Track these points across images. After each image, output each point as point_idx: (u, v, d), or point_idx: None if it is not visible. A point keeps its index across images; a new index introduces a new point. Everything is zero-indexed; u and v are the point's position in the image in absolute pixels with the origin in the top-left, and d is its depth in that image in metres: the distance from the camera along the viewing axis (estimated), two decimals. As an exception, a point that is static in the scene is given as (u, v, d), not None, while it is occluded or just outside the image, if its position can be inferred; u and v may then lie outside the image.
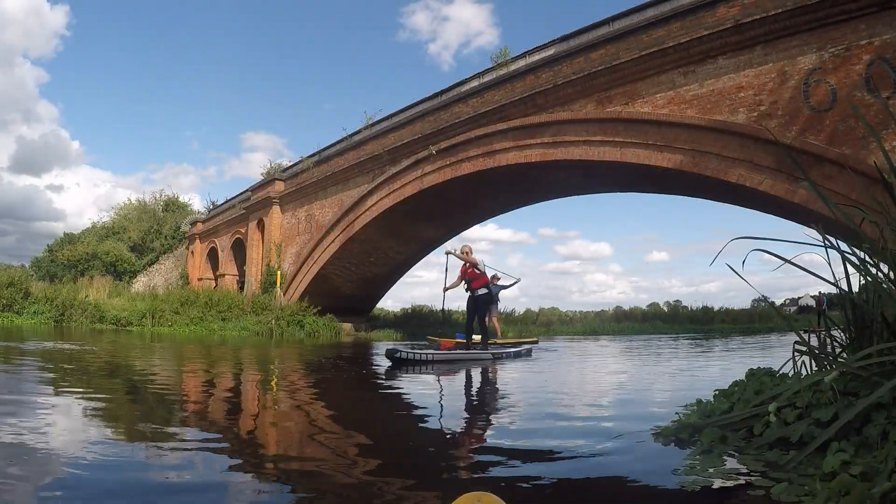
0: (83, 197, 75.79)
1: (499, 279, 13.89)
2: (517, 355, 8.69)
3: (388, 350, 7.10)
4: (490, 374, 6.49)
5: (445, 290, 9.10)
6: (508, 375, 6.44)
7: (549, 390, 5.10)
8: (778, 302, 40.35)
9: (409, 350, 7.11)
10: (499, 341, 12.62)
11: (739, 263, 2.70)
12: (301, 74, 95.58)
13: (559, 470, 2.31)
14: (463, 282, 8.74)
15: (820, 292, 21.78)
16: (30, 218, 68.79)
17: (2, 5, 59.36)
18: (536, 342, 13.69)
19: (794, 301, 40.88)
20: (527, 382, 5.81)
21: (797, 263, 2.49)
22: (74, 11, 72.37)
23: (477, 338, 9.14)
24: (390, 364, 6.78)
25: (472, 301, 8.66)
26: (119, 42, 78.24)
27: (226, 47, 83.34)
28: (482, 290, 8.59)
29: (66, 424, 2.90)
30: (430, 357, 7.13)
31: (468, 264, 8.71)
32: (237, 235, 24.20)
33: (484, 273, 8.65)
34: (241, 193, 24.21)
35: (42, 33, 69.77)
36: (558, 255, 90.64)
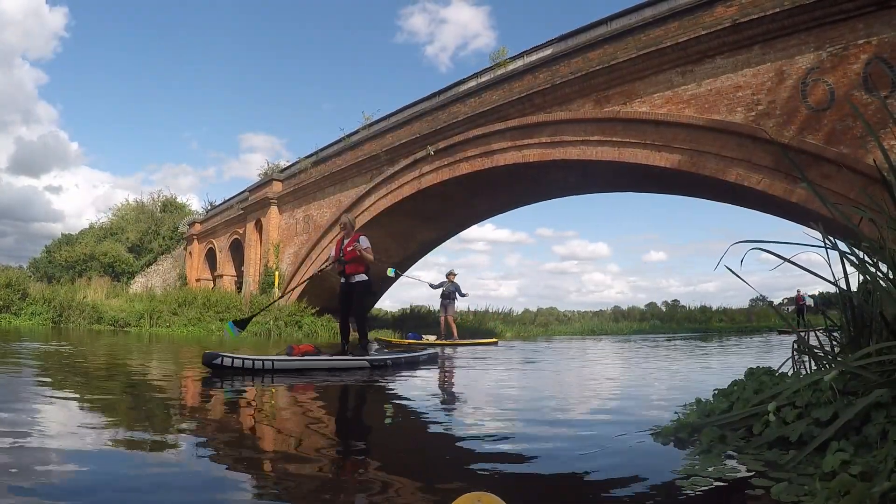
0: (82, 198, 75.84)
1: (456, 275, 13.83)
2: (412, 363, 6.98)
3: (205, 355, 5.42)
4: (485, 374, 6.48)
5: (319, 271, 7.32)
6: (504, 375, 6.43)
7: (548, 390, 5.10)
8: (776, 301, 40.45)
9: (235, 355, 5.43)
10: (461, 342, 12.45)
11: (737, 263, 2.70)
12: (300, 75, 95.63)
13: (558, 469, 2.30)
14: (336, 263, 6.62)
15: (798, 291, 21.78)
16: (28, 219, 68.71)
17: (1, 6, 59.49)
18: (496, 343, 13.50)
19: (791, 300, 40.94)
20: (524, 382, 5.80)
21: (796, 262, 2.49)
22: (73, 13, 72.50)
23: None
24: (209, 373, 5.30)
25: (346, 290, 6.65)
26: (118, 43, 78.39)
27: (225, 49, 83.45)
28: (360, 277, 6.57)
29: (59, 428, 2.88)
30: (267, 365, 5.50)
31: (344, 237, 6.75)
32: (235, 236, 24.18)
33: (366, 259, 6.52)
34: (239, 194, 24.18)
35: (41, 34, 69.93)
36: (556, 255, 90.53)
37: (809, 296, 21.04)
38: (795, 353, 2.71)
